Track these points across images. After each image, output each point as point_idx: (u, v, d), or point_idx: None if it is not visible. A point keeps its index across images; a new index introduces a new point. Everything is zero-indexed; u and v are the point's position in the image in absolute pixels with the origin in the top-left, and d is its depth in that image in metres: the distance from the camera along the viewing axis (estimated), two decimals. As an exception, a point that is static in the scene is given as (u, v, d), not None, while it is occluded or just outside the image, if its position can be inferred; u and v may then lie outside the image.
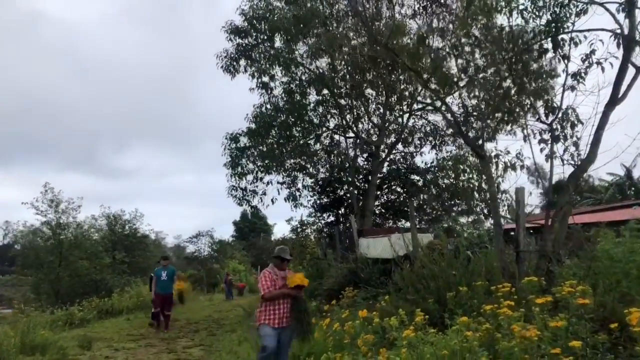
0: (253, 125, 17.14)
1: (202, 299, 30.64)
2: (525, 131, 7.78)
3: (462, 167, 17.52)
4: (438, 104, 11.28)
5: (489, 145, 9.75)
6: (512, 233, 8.29)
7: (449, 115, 8.79)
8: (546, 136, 7.56)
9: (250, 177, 17.84)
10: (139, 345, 10.91)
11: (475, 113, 9.05)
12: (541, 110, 8.03)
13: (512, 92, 8.12)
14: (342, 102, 18.14)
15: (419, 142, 19.68)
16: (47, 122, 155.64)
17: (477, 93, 8.56)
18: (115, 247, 27.55)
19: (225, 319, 17.18)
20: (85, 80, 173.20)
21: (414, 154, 19.89)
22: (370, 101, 18.59)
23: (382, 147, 18.82)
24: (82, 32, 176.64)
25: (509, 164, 8.81)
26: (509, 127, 9.11)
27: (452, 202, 18.28)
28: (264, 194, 18.34)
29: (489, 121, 8.67)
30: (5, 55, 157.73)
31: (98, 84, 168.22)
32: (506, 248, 7.22)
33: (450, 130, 16.37)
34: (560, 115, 7.62)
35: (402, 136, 19.38)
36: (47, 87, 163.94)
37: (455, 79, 8.63)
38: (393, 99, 18.58)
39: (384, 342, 5.51)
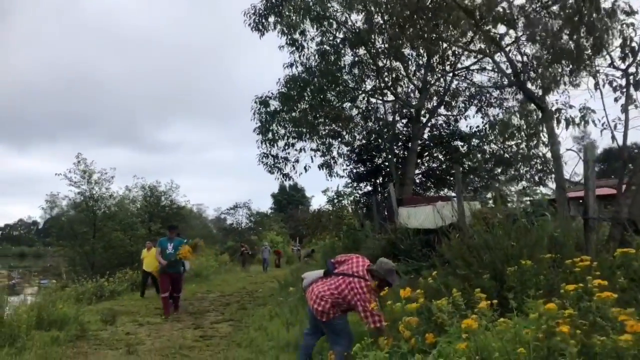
0: (285, 90, 16.08)
1: (239, 270, 30.41)
2: (596, 78, 6.58)
3: (510, 130, 16.20)
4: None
5: (548, 99, 8.59)
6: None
7: (504, 63, 7.62)
8: (622, 82, 6.37)
9: (281, 144, 16.79)
10: (165, 320, 10.34)
11: (533, 61, 7.89)
12: (615, 54, 6.82)
13: (580, 33, 6.91)
14: (380, 63, 16.89)
15: (462, 105, 18.32)
16: (89, 99, 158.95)
17: (537, 36, 7.36)
18: (152, 219, 27.36)
19: (260, 291, 16.62)
20: (125, 56, 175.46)
21: (458, 117, 18.55)
22: (410, 62, 17.29)
23: (423, 111, 17.56)
24: (120, 8, 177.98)
25: (572, 119, 7.64)
26: (573, 77, 7.88)
27: (500, 169, 16.98)
28: (297, 161, 17.33)
29: (550, 69, 7.50)
30: (48, 34, 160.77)
31: (137, 60, 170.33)
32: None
33: (504, 81, 14.90)
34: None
35: (445, 99, 18.06)
36: (88, 64, 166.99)
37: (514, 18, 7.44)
38: (435, 59, 17.25)
39: (430, 325, 4.59)
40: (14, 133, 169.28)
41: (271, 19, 15.31)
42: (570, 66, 7.51)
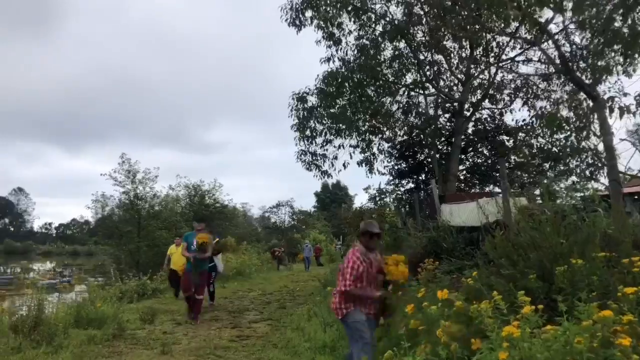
0: (323, 86, 15.81)
1: (282, 268, 30.41)
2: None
3: (558, 122, 15.47)
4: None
5: (600, 88, 8.04)
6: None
7: (551, 49, 7.14)
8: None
9: (319, 140, 16.55)
10: (204, 319, 10.27)
11: (583, 50, 7.38)
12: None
13: (636, 14, 6.39)
14: (421, 56, 16.44)
15: (508, 98, 17.64)
16: (137, 101, 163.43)
17: (586, 21, 6.86)
18: (195, 218, 27.67)
19: (300, 290, 16.47)
20: (170, 58, 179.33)
21: (503, 111, 17.87)
22: (452, 54, 16.77)
23: (466, 105, 17.00)
24: (165, 11, 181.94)
25: (626, 108, 7.10)
26: (627, 64, 7.33)
27: (548, 164, 16.26)
28: (335, 158, 17.01)
29: (601, 57, 6.99)
30: (98, 38, 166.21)
31: (182, 62, 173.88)
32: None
33: (551, 71, 14.18)
34: None
35: (489, 92, 17.43)
36: (136, 66, 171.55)
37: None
38: (478, 50, 16.68)
39: (471, 329, 4.27)
40: (67, 135, 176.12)
41: (308, 13, 15.10)
42: (624, 52, 6.97)
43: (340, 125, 15.81)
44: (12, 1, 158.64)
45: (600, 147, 10.52)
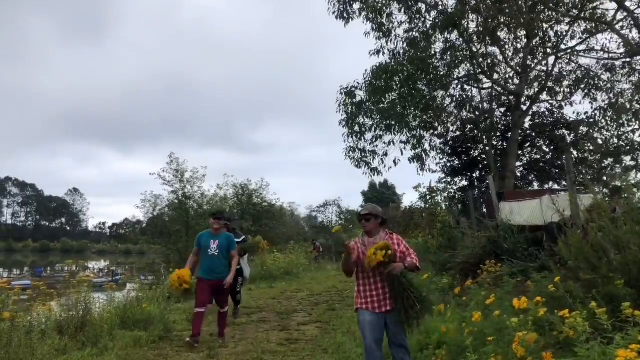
0: (372, 79, 15.29)
1: (330, 268, 30.04)
2: None
3: (625, 116, 14.51)
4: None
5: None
6: None
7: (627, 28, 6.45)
8: None
9: (369, 136, 16.02)
10: (251, 320, 10.01)
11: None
12: None
13: None
14: (474, 48, 15.71)
15: (567, 90, 16.68)
16: (187, 104, 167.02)
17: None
18: (243, 216, 27.67)
19: (351, 290, 16.03)
20: (219, 60, 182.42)
21: (563, 103, 16.93)
22: (507, 45, 15.98)
23: (523, 98, 16.17)
24: (212, 13, 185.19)
25: None
26: None
27: (614, 159, 15.26)
28: (385, 155, 16.43)
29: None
30: (149, 41, 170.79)
31: (230, 64, 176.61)
32: None
33: (615, 62, 13.28)
34: None
35: (547, 84, 16.53)
36: (186, 68, 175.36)
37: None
38: (535, 41, 15.82)
39: (549, 340, 3.77)
40: (120, 137, 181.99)
41: (356, 5, 14.67)
42: None
43: (390, 120, 15.24)
44: (68, 8, 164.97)
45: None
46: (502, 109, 17.59)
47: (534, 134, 17.44)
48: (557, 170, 16.73)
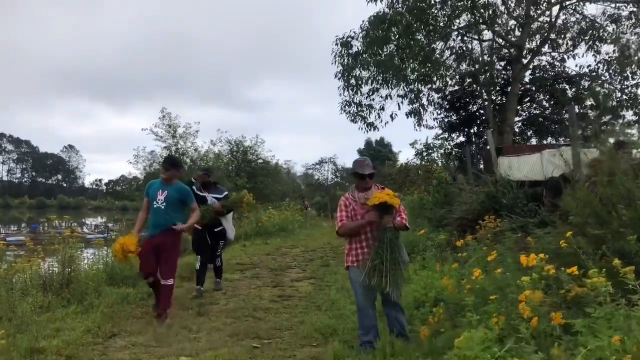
0: (369, 30, 14.65)
1: (325, 225, 30.01)
2: None
3: (629, 69, 14.08)
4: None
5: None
6: None
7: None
8: None
9: (365, 90, 15.50)
10: (244, 277, 9.86)
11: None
12: None
13: None
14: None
15: (570, 42, 16.13)
16: (183, 59, 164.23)
17: None
18: (238, 173, 27.36)
19: (344, 247, 15.90)
20: (215, 15, 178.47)
21: (565, 56, 16.41)
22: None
23: (524, 51, 15.64)
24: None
25: None
26: None
27: (615, 113, 14.91)
28: (382, 109, 15.94)
29: None
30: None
31: (227, 19, 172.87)
32: None
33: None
34: None
35: (550, 36, 15.98)
36: (181, 24, 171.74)
37: None
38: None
39: (556, 299, 3.52)
40: (115, 94, 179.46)
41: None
42: None
43: (387, 73, 14.69)
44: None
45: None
46: (502, 62, 17.10)
47: (533, 89, 17.03)
48: (556, 126, 16.40)
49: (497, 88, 16.89)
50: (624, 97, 14.46)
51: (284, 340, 5.35)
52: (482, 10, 15.27)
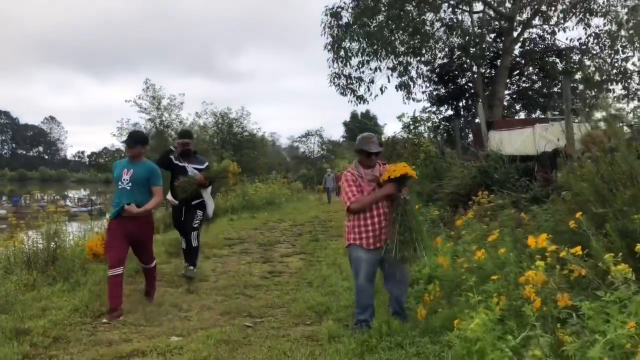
0: (360, 1, 14.31)
1: (312, 198, 29.95)
2: None
3: (619, 42, 13.98)
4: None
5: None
6: None
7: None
8: None
9: (355, 62, 15.25)
10: (233, 252, 9.76)
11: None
12: None
13: None
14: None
15: (561, 15, 15.95)
16: (166, 28, 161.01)
17: None
18: (223, 146, 27.09)
19: (332, 220, 15.86)
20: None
21: (555, 29, 16.24)
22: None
23: (515, 23, 15.43)
24: None
25: None
26: None
27: (606, 88, 14.85)
28: (372, 81, 15.78)
29: None
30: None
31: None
32: None
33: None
34: None
35: (541, 8, 15.77)
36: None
37: None
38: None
39: (559, 280, 3.44)
40: (96, 64, 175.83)
41: None
42: None
43: (377, 45, 14.42)
44: None
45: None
46: (493, 35, 16.88)
47: (523, 62, 16.89)
48: (545, 99, 16.34)
49: (487, 61, 16.72)
50: (614, 70, 14.41)
51: (276, 318, 5.25)
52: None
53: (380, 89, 15.75)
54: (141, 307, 5.60)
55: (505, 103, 17.31)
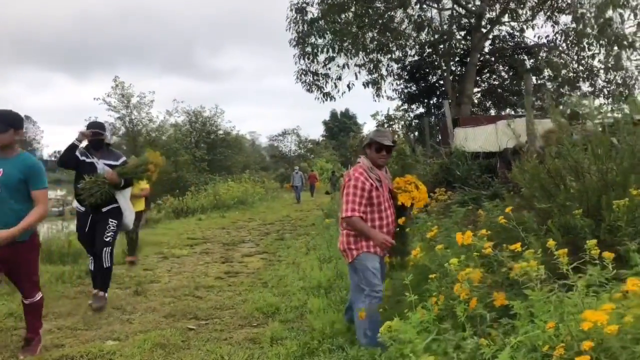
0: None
1: (287, 197, 29.70)
2: None
3: (586, 40, 14.06)
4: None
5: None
6: None
7: None
8: None
9: (321, 58, 15.10)
10: (194, 252, 9.54)
11: None
12: None
13: None
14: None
15: (530, 12, 15.99)
16: (146, 27, 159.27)
17: None
18: (197, 145, 26.76)
19: (303, 219, 15.72)
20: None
21: (524, 27, 16.27)
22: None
23: (484, 21, 15.42)
24: None
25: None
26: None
27: (572, 85, 14.93)
28: (339, 78, 15.66)
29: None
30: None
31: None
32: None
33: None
34: None
35: (509, 6, 15.79)
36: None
37: None
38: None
39: (498, 278, 3.32)
40: (74, 63, 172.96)
41: None
42: None
43: (345, 41, 14.28)
44: None
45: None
46: (462, 32, 16.87)
47: (493, 59, 16.92)
48: (515, 97, 16.39)
49: (457, 58, 16.73)
50: (581, 68, 14.49)
51: (222, 320, 5.06)
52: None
53: (348, 86, 15.66)
54: (82, 310, 5.36)
55: (476, 100, 17.34)
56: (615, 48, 12.38)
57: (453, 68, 16.75)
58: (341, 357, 3.83)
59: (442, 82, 16.64)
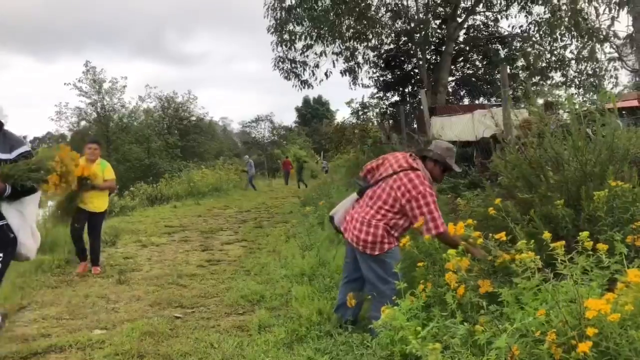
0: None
1: (262, 184, 29.64)
2: None
3: (558, 31, 14.34)
4: None
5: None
6: None
7: None
8: None
9: (299, 46, 15.09)
10: (172, 240, 9.50)
11: None
12: None
13: None
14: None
15: (504, 2, 16.20)
16: (115, 8, 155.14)
17: None
18: (169, 131, 26.46)
19: (280, 207, 15.74)
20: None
21: (499, 16, 16.50)
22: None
23: (459, 10, 15.58)
24: None
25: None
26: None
27: (546, 75, 15.22)
28: (317, 66, 15.68)
29: None
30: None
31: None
32: None
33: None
34: None
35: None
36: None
37: None
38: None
39: (484, 266, 3.44)
40: (40, 45, 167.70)
41: None
42: None
43: (322, 29, 14.27)
44: None
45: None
46: (438, 21, 17.02)
47: (467, 49, 17.13)
48: (488, 86, 16.65)
49: (432, 47, 16.89)
50: (553, 58, 14.78)
51: (208, 309, 5.10)
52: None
53: (325, 74, 15.71)
54: (66, 300, 5.33)
55: (450, 89, 17.56)
56: (589, 41, 12.70)
57: (428, 57, 16.91)
58: (330, 343, 3.89)
59: (417, 70, 16.79)
